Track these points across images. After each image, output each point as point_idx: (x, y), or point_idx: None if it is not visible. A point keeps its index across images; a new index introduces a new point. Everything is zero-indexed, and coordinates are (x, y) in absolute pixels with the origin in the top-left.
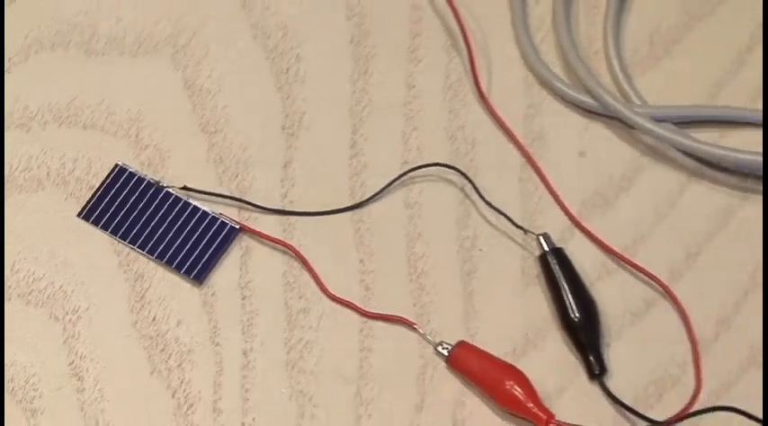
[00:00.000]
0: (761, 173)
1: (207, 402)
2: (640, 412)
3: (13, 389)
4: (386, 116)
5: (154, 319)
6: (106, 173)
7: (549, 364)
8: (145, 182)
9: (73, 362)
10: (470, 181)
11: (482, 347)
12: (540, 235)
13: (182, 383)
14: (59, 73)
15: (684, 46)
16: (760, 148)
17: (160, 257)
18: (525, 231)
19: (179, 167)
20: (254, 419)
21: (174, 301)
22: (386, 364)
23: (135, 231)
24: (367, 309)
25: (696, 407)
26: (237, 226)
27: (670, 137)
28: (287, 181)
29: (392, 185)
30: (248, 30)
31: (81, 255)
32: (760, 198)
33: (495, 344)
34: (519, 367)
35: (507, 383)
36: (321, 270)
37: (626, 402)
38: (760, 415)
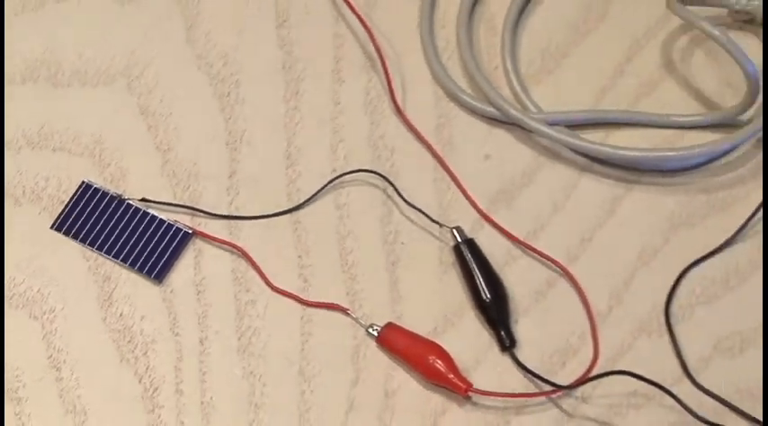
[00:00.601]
0: (641, 166)
1: (170, 385)
2: (547, 378)
3: None
4: (316, 130)
5: (121, 315)
6: (74, 190)
7: (466, 340)
8: (108, 196)
9: (51, 355)
10: (391, 184)
11: (407, 327)
12: (454, 228)
13: (147, 369)
14: (30, 103)
15: (572, 59)
16: (640, 145)
17: (124, 260)
18: (440, 225)
19: (137, 182)
20: (211, 397)
21: (137, 298)
22: (324, 346)
23: (101, 239)
24: (306, 298)
25: (595, 372)
26: (190, 231)
27: (562, 138)
28: (232, 189)
29: (323, 190)
30: (193, 60)
31: (55, 262)
32: (642, 187)
33: (419, 324)
34: (440, 343)
35: (430, 358)
36: (265, 267)
37: (534, 370)
38: (650, 377)
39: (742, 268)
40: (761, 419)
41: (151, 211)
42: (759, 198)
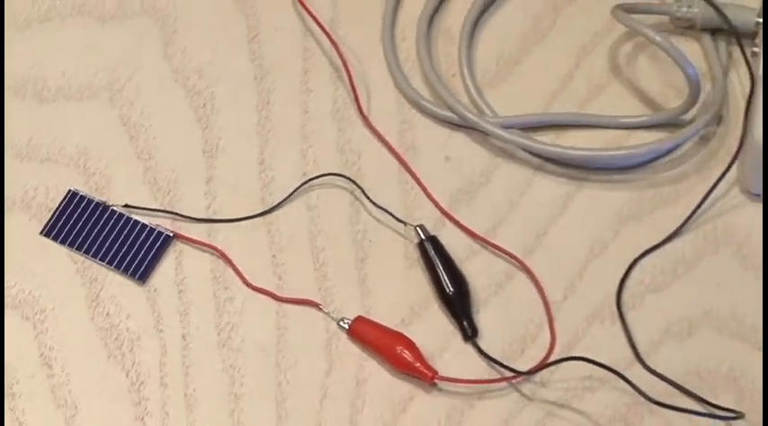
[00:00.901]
0: (591, 165)
1: (155, 378)
2: (507, 365)
3: None
4: (287, 137)
5: (107, 314)
6: (61, 198)
7: (431, 330)
8: (93, 203)
9: (43, 353)
10: (358, 186)
11: (376, 320)
12: (418, 226)
13: (133, 364)
14: (18, 118)
15: (524, 66)
16: (589, 145)
17: (109, 263)
18: (405, 224)
19: (121, 189)
20: (194, 390)
21: (123, 298)
22: (298, 339)
23: (88, 243)
24: (281, 295)
25: (552, 358)
26: (171, 234)
27: (517, 140)
28: (209, 194)
29: (295, 193)
30: (170, 74)
31: (45, 265)
32: (592, 185)
33: (387, 317)
34: (407, 334)
35: (398, 348)
36: (241, 266)
37: (495, 357)
38: (604, 362)
39: (688, 257)
40: (709, 400)
41: (134, 216)
42: (702, 191)
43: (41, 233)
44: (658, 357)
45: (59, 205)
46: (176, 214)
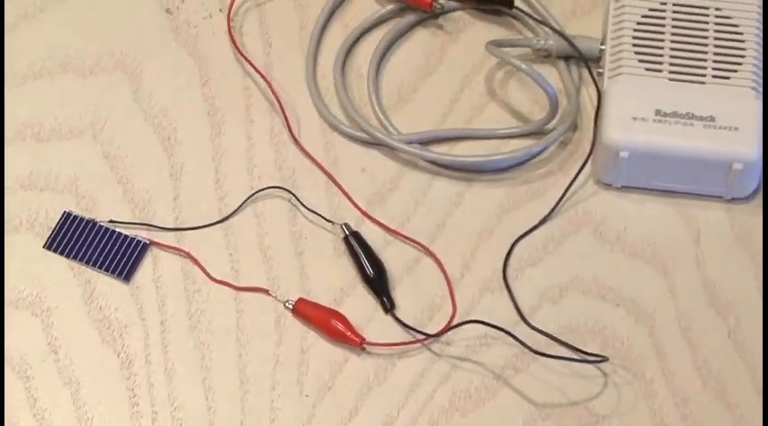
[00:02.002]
0: (477, 168)
1: (141, 357)
2: (420, 330)
3: (12, 364)
4: (236, 159)
5: (100, 308)
6: (59, 218)
7: (358, 307)
8: (84, 221)
9: (50, 343)
10: (294, 195)
11: (314, 300)
12: (343, 224)
13: (123, 347)
14: (20, 155)
15: (420, 93)
16: (474, 153)
17: (100, 267)
18: (333, 223)
19: (106, 208)
20: (172, 364)
21: (112, 295)
22: (253, 319)
23: (81, 252)
24: (237, 285)
25: (454, 323)
26: (148, 242)
27: (417, 152)
28: (177, 208)
29: (245, 204)
30: (140, 115)
31: (48, 272)
32: (479, 184)
33: (322, 297)
34: (339, 310)
35: (332, 321)
36: (205, 264)
37: (410, 324)
38: (495, 323)
39: (556, 237)
40: (580, 348)
41: (117, 229)
42: (565, 184)
43: (44, 246)
44: (538, 317)
45: (57, 224)
46: (151, 225)
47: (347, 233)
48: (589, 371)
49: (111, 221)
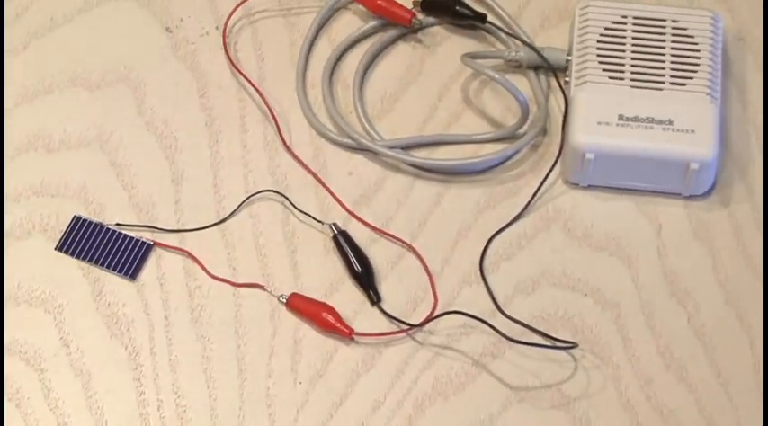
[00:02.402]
0: (455, 171)
1: (146, 349)
2: (404, 320)
3: (27, 357)
4: (233, 165)
5: (108, 304)
6: (69, 222)
7: (347, 300)
8: (93, 224)
9: (62, 337)
10: (287, 198)
11: (306, 295)
12: (332, 224)
13: (130, 340)
14: (33, 165)
15: (401, 102)
16: (452, 157)
17: (107, 266)
18: (322, 223)
19: (113, 212)
20: (176, 356)
21: (119, 292)
22: (251, 312)
23: (90, 253)
24: (235, 281)
25: (436, 314)
26: (152, 243)
27: (399, 157)
28: (178, 212)
29: (241, 206)
30: (144, 126)
31: (60, 272)
32: (457, 185)
33: (314, 292)
34: (330, 303)
35: (323, 313)
36: (205, 262)
37: (395, 315)
38: (474, 314)
39: (529, 233)
40: (552, 335)
41: (123, 231)
42: (536, 185)
43: (56, 248)
44: (513, 307)
45: (68, 227)
46: (154, 227)
47: (336, 232)
48: (560, 356)
49: (117, 224)
